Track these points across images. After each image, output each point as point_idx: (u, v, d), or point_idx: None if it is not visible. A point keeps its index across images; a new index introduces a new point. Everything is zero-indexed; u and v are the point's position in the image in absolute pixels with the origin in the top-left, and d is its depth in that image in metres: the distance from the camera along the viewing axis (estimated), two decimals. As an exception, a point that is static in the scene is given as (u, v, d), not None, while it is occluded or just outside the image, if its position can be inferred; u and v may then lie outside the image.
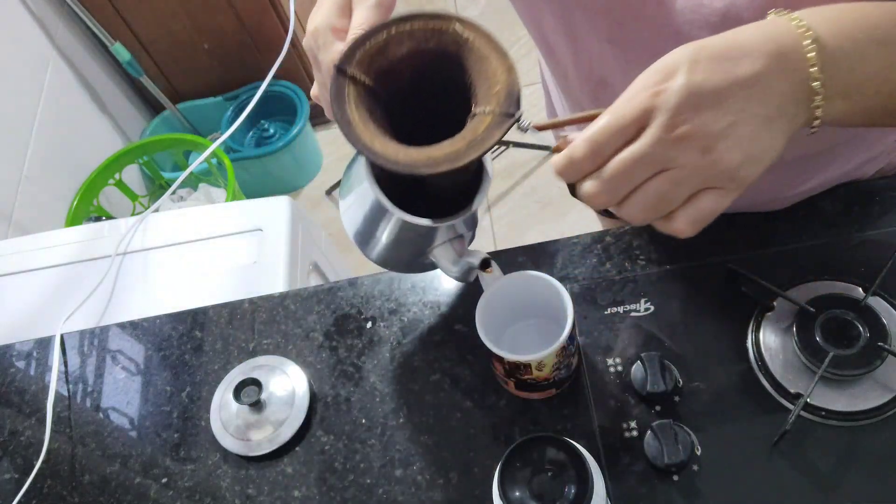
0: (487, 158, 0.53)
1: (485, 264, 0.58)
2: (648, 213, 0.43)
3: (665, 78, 0.40)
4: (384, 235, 0.57)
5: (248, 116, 1.00)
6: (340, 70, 0.46)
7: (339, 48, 0.52)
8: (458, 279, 0.60)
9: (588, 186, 0.43)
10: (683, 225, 0.43)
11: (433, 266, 0.60)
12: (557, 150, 0.45)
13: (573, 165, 0.43)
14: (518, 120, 0.45)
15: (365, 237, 0.59)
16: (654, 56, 0.56)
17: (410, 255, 0.60)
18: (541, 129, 0.46)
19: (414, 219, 0.53)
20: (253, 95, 1.00)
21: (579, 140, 0.42)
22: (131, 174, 1.88)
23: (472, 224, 0.60)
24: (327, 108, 0.55)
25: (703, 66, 0.40)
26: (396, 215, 0.53)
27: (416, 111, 0.49)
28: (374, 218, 0.56)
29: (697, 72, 0.39)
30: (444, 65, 0.48)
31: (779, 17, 0.42)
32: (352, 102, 0.46)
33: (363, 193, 0.55)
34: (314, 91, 0.58)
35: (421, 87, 0.49)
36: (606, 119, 0.41)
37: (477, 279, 0.61)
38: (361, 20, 0.51)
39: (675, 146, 0.40)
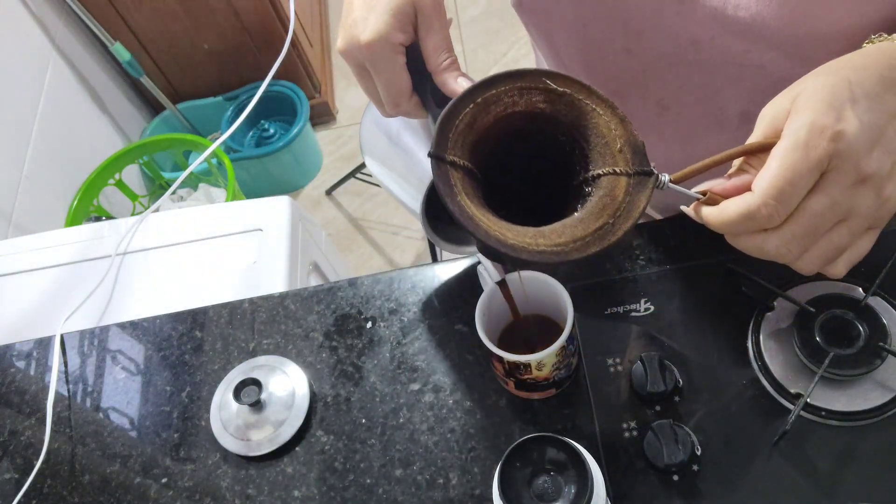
0: None
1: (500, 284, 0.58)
2: (823, 265, 0.41)
3: (836, 119, 0.38)
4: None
5: (248, 116, 1.00)
6: (439, 159, 0.41)
7: (401, 63, 0.49)
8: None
9: (775, 244, 0.40)
10: (844, 269, 0.42)
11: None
12: (711, 202, 0.42)
13: (754, 222, 0.40)
14: (657, 178, 0.41)
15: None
16: (670, 65, 0.56)
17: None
18: (679, 181, 0.42)
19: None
20: (253, 95, 1.00)
21: (762, 195, 0.39)
22: (131, 174, 1.88)
23: None
24: (389, 111, 0.52)
25: (863, 104, 0.39)
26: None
27: (505, 178, 0.45)
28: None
29: (862, 110, 0.38)
30: (536, 125, 0.44)
31: (890, 44, 0.41)
32: (462, 193, 0.41)
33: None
34: (365, 93, 0.54)
35: (509, 152, 0.45)
36: (787, 170, 0.38)
37: (477, 279, 0.61)
38: (449, 43, 0.48)
39: (857, 193, 0.39)
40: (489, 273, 0.60)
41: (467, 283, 0.70)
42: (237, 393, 0.65)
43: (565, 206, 0.44)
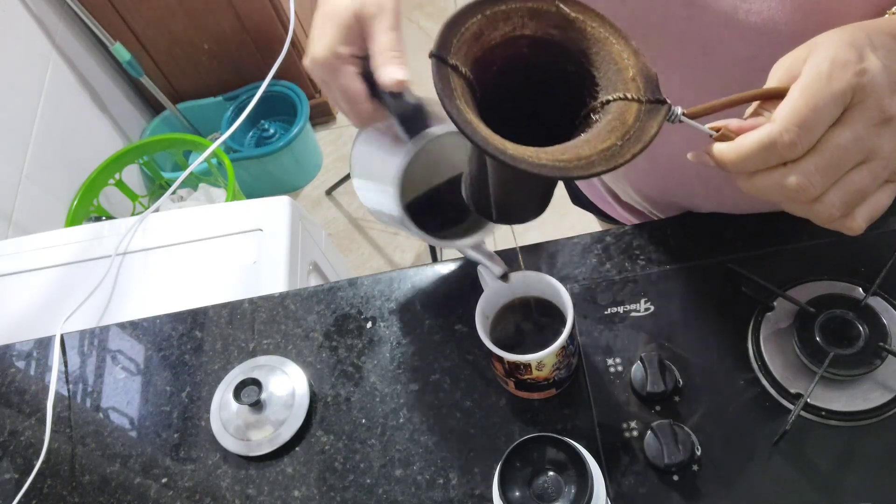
0: None
1: (503, 278, 0.59)
2: (844, 210, 0.39)
3: (859, 58, 0.37)
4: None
5: (248, 116, 1.00)
6: (441, 59, 0.38)
7: (350, 71, 0.51)
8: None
9: (796, 178, 0.37)
10: (862, 222, 0.40)
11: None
12: (723, 137, 0.40)
13: (773, 152, 0.37)
14: (670, 107, 0.39)
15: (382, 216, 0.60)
16: (678, 69, 0.56)
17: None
18: (693, 116, 0.40)
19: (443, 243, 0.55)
20: (253, 95, 1.00)
21: (784, 122, 0.37)
22: (131, 174, 1.88)
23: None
24: (355, 119, 0.54)
25: (882, 52, 0.38)
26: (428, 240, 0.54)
27: (505, 105, 0.43)
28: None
29: (881, 54, 0.37)
30: (544, 56, 0.42)
31: None
32: (460, 97, 0.38)
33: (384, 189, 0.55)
34: (331, 103, 0.58)
35: (512, 78, 0.43)
36: (811, 97, 0.37)
37: (477, 279, 0.61)
38: (389, 44, 0.50)
39: (880, 132, 0.37)
40: (489, 272, 0.60)
41: (467, 283, 0.70)
42: (237, 393, 0.65)
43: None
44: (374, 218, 0.62)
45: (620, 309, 0.65)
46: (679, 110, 0.39)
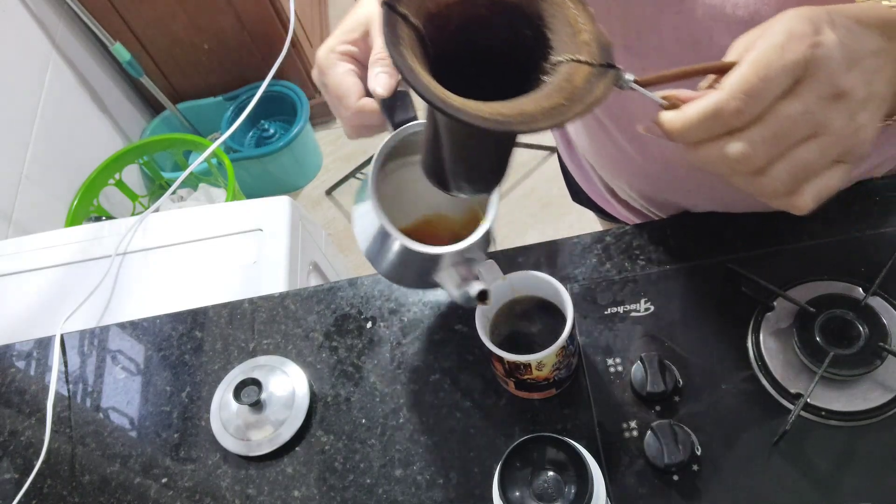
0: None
1: (481, 296, 0.55)
2: (789, 186, 0.38)
3: (815, 31, 0.36)
4: (391, 255, 0.55)
5: (248, 116, 1.01)
6: (391, 7, 0.38)
7: (344, 67, 0.53)
8: (462, 304, 0.57)
9: (739, 147, 0.37)
10: (810, 200, 0.39)
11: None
12: (673, 106, 0.39)
13: (719, 120, 0.36)
14: (619, 72, 0.38)
15: (374, 254, 0.57)
16: (670, 62, 0.56)
17: (417, 275, 0.58)
18: (644, 84, 0.39)
19: (417, 246, 0.52)
20: (253, 95, 1.00)
21: (730, 89, 0.36)
22: (131, 174, 1.88)
23: (485, 245, 0.58)
24: (346, 119, 0.54)
25: (841, 30, 0.37)
26: (400, 241, 0.52)
27: (459, 67, 0.42)
28: (381, 237, 0.54)
29: (840, 32, 0.37)
30: (501, 13, 0.41)
31: (878, 3, 0.40)
32: (408, 47, 0.38)
33: (368, 211, 0.53)
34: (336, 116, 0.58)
35: (470, 41, 0.42)
36: (760, 68, 0.36)
37: (476, 279, 0.61)
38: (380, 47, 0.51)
39: (831, 107, 0.37)
40: (489, 271, 0.60)
41: (467, 283, 0.70)
42: (237, 393, 0.65)
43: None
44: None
45: (620, 309, 0.65)
46: (629, 76, 0.39)
